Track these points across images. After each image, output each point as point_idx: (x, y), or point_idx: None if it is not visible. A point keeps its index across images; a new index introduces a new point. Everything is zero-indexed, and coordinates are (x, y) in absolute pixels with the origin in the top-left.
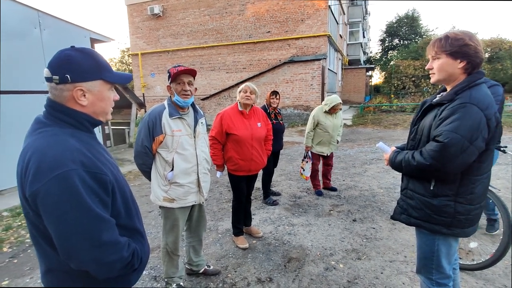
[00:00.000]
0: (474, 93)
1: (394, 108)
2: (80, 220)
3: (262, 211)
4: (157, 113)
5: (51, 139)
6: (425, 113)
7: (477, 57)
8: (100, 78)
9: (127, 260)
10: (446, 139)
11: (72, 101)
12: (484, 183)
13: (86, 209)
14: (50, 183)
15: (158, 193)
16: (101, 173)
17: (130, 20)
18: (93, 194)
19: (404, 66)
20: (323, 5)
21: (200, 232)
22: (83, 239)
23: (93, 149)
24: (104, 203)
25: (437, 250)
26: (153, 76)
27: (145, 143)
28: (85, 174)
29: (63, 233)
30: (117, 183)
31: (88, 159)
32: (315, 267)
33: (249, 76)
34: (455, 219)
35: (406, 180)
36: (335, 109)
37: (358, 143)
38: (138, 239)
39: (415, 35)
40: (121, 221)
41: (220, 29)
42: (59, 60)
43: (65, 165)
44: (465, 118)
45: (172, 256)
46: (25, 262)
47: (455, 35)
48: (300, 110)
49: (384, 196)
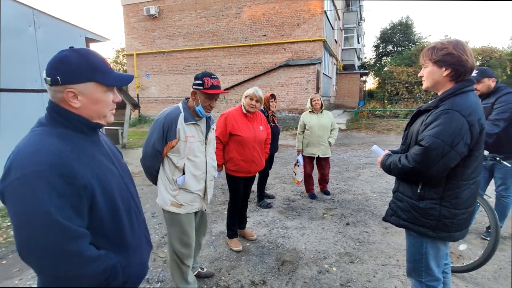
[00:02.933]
0: (458, 100)
1: (388, 113)
2: (37, 225)
3: (256, 213)
4: (173, 117)
5: (32, 139)
6: (415, 119)
7: (461, 65)
8: (92, 80)
9: (101, 276)
10: (427, 143)
11: (65, 103)
12: (471, 189)
13: (45, 214)
14: (14, 183)
15: (166, 197)
16: (75, 177)
17: (126, 20)
18: (61, 198)
19: (397, 72)
20: (318, 10)
21: (200, 237)
22: (41, 246)
23: (84, 153)
24: (76, 209)
25: (425, 252)
26: (147, 77)
27: (156, 147)
28: (55, 177)
29: (20, 237)
30: (102, 191)
31: (61, 160)
32: (309, 270)
33: (244, 79)
34: (440, 222)
35: (397, 183)
36: (316, 104)
37: (351, 147)
38: (124, 254)
39: (409, 42)
40: (105, 231)
41: (216, 32)
42: (54, 61)
43: (32, 166)
44: (447, 123)
45: (181, 266)
46: (14, 264)
47: (441, 44)
48: (294, 114)
49: (377, 200)
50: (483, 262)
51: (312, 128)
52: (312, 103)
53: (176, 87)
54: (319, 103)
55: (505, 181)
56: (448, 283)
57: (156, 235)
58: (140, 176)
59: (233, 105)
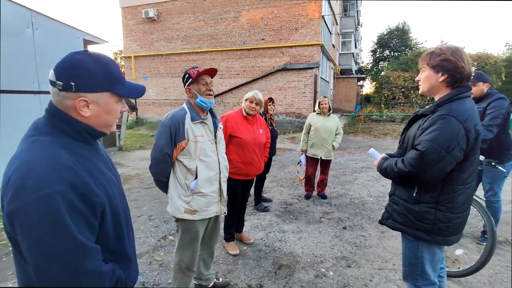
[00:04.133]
0: (454, 105)
1: (384, 117)
2: (60, 247)
3: (253, 217)
4: (180, 118)
5: (42, 152)
6: (412, 123)
7: (457, 72)
8: (110, 90)
9: None
10: (424, 148)
11: (73, 111)
12: (466, 193)
13: (68, 235)
14: (32, 204)
15: (179, 204)
16: (92, 195)
17: (124, 22)
18: (80, 217)
19: (394, 77)
20: (316, 15)
21: (212, 244)
22: (62, 268)
23: (90, 164)
24: (91, 226)
25: (421, 256)
26: (145, 79)
27: (165, 150)
28: (73, 196)
29: (40, 260)
30: (110, 204)
31: (79, 178)
32: (305, 274)
33: (242, 82)
34: (436, 226)
35: (393, 187)
36: (323, 108)
37: (348, 151)
38: (125, 264)
39: (405, 47)
40: (109, 245)
41: (214, 35)
42: (67, 64)
43: (51, 186)
44: (443, 129)
45: (187, 272)
46: (8, 267)
47: (440, 50)
48: (292, 117)
49: (373, 204)
50: (480, 267)
51: (317, 130)
52: (320, 106)
53: (173, 89)
54: (326, 106)
55: (492, 186)
56: (443, 287)
57: (152, 238)
58: (137, 178)
59: (231, 108)
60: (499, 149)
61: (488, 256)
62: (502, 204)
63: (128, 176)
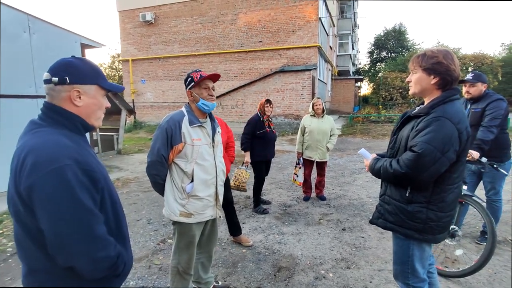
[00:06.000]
0: (448, 108)
1: (382, 118)
2: (74, 212)
3: (252, 219)
4: (176, 120)
5: (47, 138)
6: (404, 124)
7: (449, 75)
8: (96, 83)
9: (113, 260)
10: (420, 149)
11: (67, 102)
12: (455, 192)
13: (79, 202)
14: (47, 176)
15: (174, 207)
16: (93, 171)
17: (122, 26)
18: (85, 189)
19: (391, 78)
20: (313, 17)
21: (211, 248)
22: (76, 231)
23: (85, 151)
24: (94, 199)
25: (412, 254)
26: (143, 83)
27: (161, 152)
28: (78, 170)
29: (56, 225)
30: (106, 185)
31: (81, 156)
32: (305, 276)
33: (240, 85)
34: (427, 225)
35: (385, 187)
36: (317, 109)
37: (347, 153)
38: (123, 244)
39: (402, 48)
40: (109, 223)
41: (212, 38)
42: (60, 64)
43: (61, 160)
44: (439, 130)
45: (184, 276)
46: (6, 273)
47: (432, 53)
48: (290, 119)
49: (372, 205)
50: (480, 267)
51: (311, 132)
52: (314, 107)
53: (172, 92)
54: (320, 107)
55: (494, 185)
56: (436, 283)
57: (151, 242)
58: (136, 182)
59: (229, 110)
60: (499, 149)
61: (488, 256)
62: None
63: (126, 179)
